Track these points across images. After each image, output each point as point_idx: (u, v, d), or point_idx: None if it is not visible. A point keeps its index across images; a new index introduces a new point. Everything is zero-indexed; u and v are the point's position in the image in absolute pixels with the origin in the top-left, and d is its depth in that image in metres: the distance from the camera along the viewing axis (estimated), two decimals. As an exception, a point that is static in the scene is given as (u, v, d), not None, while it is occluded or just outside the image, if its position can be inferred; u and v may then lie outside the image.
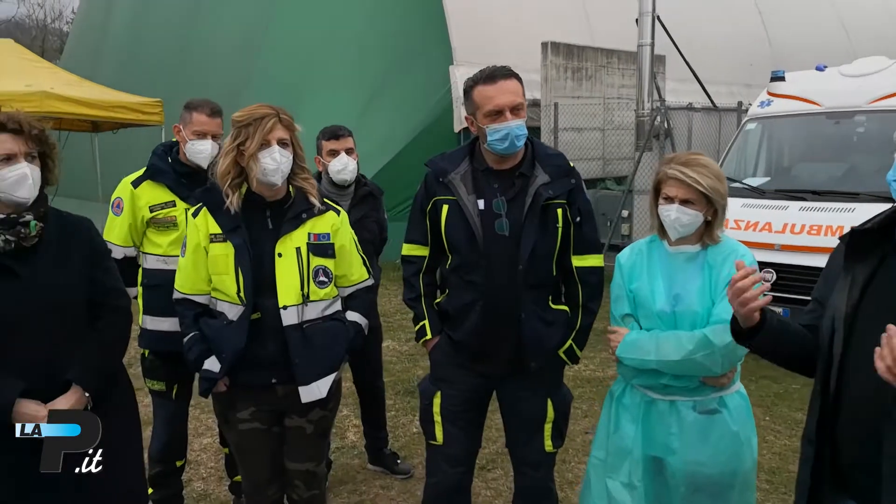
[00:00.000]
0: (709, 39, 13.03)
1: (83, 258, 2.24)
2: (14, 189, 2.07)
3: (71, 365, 2.17)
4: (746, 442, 2.34)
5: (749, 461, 2.35)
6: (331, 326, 2.49)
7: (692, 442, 2.31)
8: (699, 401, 2.32)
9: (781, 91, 6.83)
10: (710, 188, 2.24)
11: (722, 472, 2.30)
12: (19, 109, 2.19)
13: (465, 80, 2.50)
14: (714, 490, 2.31)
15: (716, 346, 2.19)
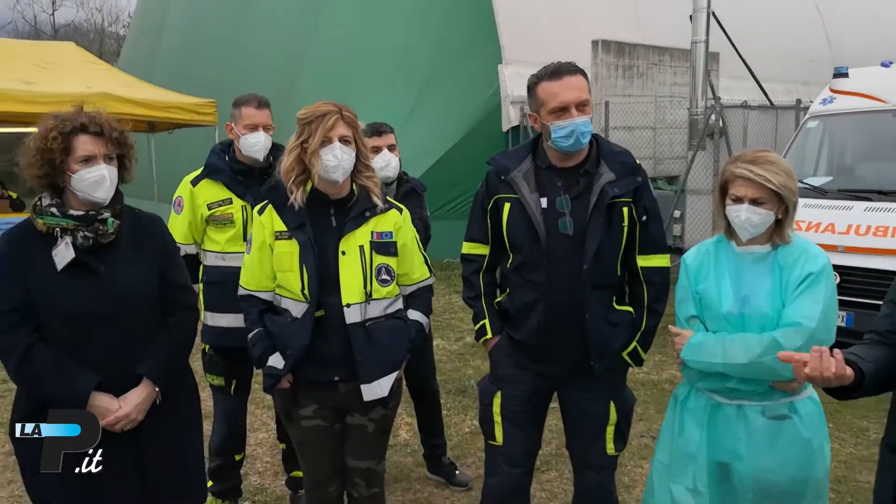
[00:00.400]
0: (764, 36, 12.70)
1: (155, 255, 2.29)
2: (92, 190, 2.12)
3: (142, 359, 2.22)
4: (819, 450, 2.26)
5: (821, 470, 2.27)
6: (393, 325, 2.49)
7: (761, 448, 2.24)
8: (768, 405, 2.25)
9: (845, 88, 6.61)
10: (781, 185, 2.17)
11: (792, 479, 2.22)
12: (101, 110, 2.23)
13: (529, 77, 2.46)
14: (784, 498, 2.24)
15: (786, 350, 2.11)
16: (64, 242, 2.11)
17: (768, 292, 2.21)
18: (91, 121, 2.13)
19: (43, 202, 2.16)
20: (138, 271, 2.23)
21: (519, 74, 10.83)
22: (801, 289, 2.16)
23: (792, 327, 2.13)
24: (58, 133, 2.09)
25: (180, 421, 2.37)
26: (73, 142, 2.10)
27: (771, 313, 2.19)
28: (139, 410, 2.20)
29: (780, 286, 2.20)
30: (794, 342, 2.10)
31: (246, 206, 3.18)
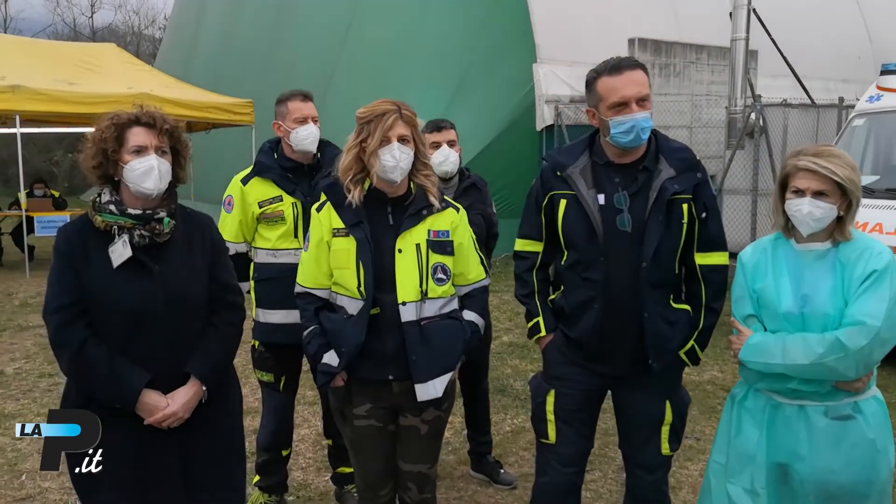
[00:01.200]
0: (803, 33, 12.48)
1: (205, 254, 2.31)
2: (141, 180, 2.15)
3: (190, 358, 2.24)
4: (883, 450, 2.21)
5: (886, 471, 2.22)
6: (448, 325, 2.47)
7: (823, 449, 2.19)
8: (831, 406, 2.20)
9: (892, 85, 6.48)
10: (847, 178, 2.12)
11: (856, 481, 2.18)
12: (156, 107, 2.27)
13: (589, 72, 2.44)
14: (847, 500, 2.20)
15: (850, 350, 2.07)
16: (122, 240, 2.14)
17: (830, 291, 2.16)
18: (143, 113, 2.17)
19: (102, 199, 2.20)
20: (189, 271, 2.25)
21: (553, 73, 10.79)
22: (865, 287, 2.11)
23: (856, 326, 2.08)
24: (111, 124, 2.13)
25: (224, 419, 2.39)
26: (126, 133, 2.14)
27: (833, 312, 2.15)
28: (186, 408, 2.21)
29: (843, 284, 2.15)
30: (859, 342, 2.05)
31: (296, 203, 3.20)
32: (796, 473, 2.24)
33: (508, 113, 10.73)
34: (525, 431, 4.53)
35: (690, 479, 3.90)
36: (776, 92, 10.02)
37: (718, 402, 5.06)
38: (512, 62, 10.91)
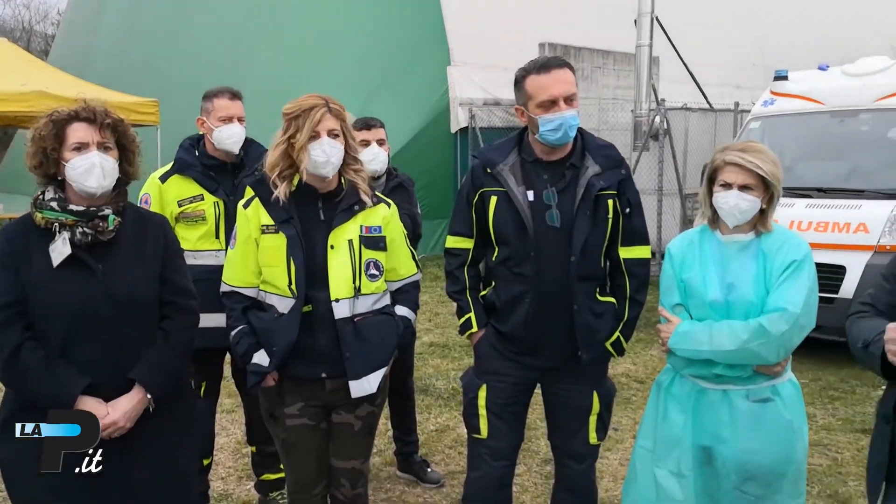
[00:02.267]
0: (701, 41, 13.13)
1: (157, 256, 2.21)
2: (84, 178, 2.04)
3: (136, 364, 2.14)
4: (798, 430, 2.35)
5: (801, 450, 2.36)
6: (382, 320, 2.46)
7: (745, 430, 2.31)
8: (752, 389, 2.32)
9: (785, 90, 6.90)
10: (770, 173, 2.25)
11: (775, 460, 2.30)
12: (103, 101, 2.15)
13: (517, 71, 2.48)
14: (766, 479, 2.31)
15: (772, 335, 2.19)
16: (61, 238, 2.04)
17: (753, 279, 2.28)
18: (84, 108, 2.06)
19: (45, 196, 2.09)
20: (138, 272, 2.15)
21: (467, 76, 10.91)
22: (786, 275, 2.24)
23: (777, 312, 2.21)
24: (50, 121, 2.03)
25: (172, 432, 2.26)
26: (65, 130, 2.04)
27: (755, 300, 2.27)
28: (128, 418, 2.10)
29: (765, 273, 2.28)
30: (780, 327, 2.18)
31: (218, 203, 3.10)
32: (719, 455, 2.34)
33: (424, 115, 10.76)
34: (450, 430, 4.55)
35: (611, 468, 4.03)
36: (677, 97, 10.49)
37: (633, 393, 5.26)
38: (427, 64, 10.95)
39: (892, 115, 6.18)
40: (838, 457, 4.12)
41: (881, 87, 6.23)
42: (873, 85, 6.29)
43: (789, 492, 2.34)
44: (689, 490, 2.38)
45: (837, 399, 5.03)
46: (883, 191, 5.77)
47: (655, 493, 2.44)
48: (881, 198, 5.70)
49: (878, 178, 5.97)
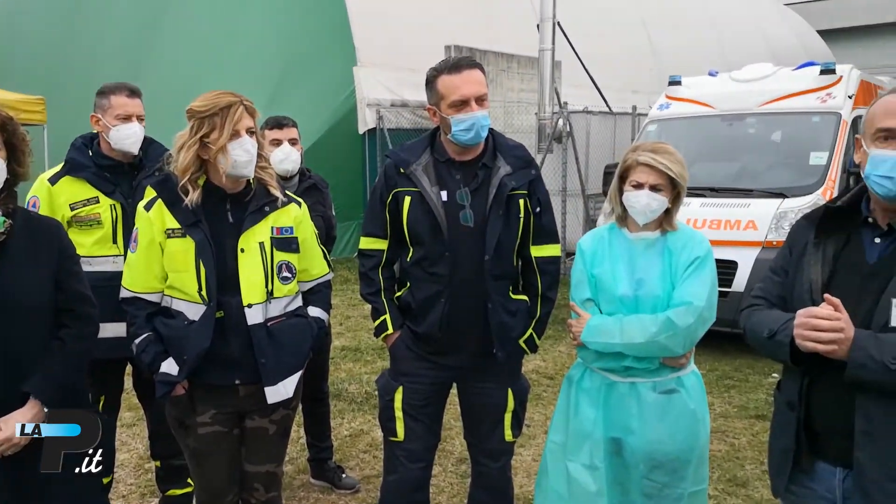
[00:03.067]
0: (600, 47, 13.61)
1: (51, 261, 2.07)
2: None
3: (30, 376, 2.00)
4: (702, 419, 2.46)
5: (704, 437, 2.47)
6: (295, 323, 2.40)
7: (652, 421, 2.39)
8: (658, 381, 2.41)
9: (679, 95, 7.25)
10: (678, 174, 2.34)
11: (680, 448, 2.40)
12: None
13: (428, 70, 2.48)
14: (672, 466, 2.41)
15: (679, 328, 2.29)
16: None
17: (659, 275, 2.37)
18: None
19: None
20: (28, 278, 2.01)
21: (374, 77, 10.85)
22: (690, 271, 2.34)
23: (683, 306, 2.30)
24: None
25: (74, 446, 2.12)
26: None
27: (662, 294, 2.36)
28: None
29: (671, 269, 2.37)
30: (687, 320, 2.28)
31: (115, 205, 2.93)
32: (628, 446, 2.42)
33: (330, 115, 10.60)
34: (364, 434, 4.50)
35: (524, 465, 4.09)
36: (578, 100, 10.83)
37: (543, 389, 5.37)
38: (332, 64, 10.80)
39: (776, 118, 6.61)
40: (735, 442, 4.35)
41: (765, 93, 6.65)
42: (758, 90, 6.71)
43: (693, 478, 2.44)
44: (601, 481, 2.44)
45: (733, 387, 5.32)
46: (769, 190, 6.15)
47: (567, 486, 2.49)
48: (768, 197, 6.07)
49: (764, 179, 6.36)
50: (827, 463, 1.84)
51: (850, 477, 1.79)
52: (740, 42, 19.92)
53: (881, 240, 1.79)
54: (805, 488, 1.90)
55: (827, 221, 1.88)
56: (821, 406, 1.82)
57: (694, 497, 2.45)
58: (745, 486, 3.77)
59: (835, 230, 1.86)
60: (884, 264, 1.76)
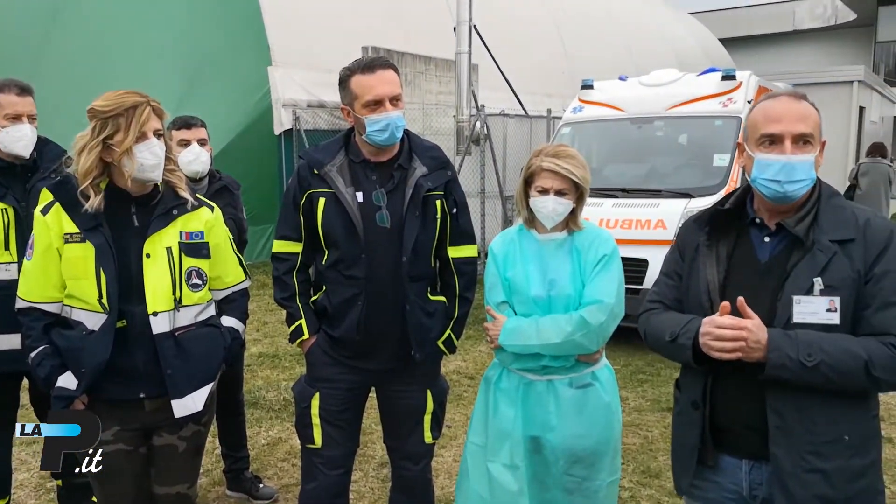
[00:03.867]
0: (514, 52, 13.83)
1: None
2: None
3: None
4: (616, 411, 2.52)
5: (618, 428, 2.54)
6: (207, 333, 2.30)
7: (570, 417, 2.43)
8: (574, 377, 2.46)
9: (591, 98, 7.44)
10: (582, 178, 2.39)
11: (598, 441, 2.45)
12: None
13: (342, 70, 2.44)
14: (591, 460, 2.46)
15: (592, 326, 2.34)
16: None
17: (570, 275, 2.42)
18: None
19: None
20: None
21: (290, 77, 10.65)
22: (598, 269, 2.39)
23: (595, 304, 2.35)
24: None
25: None
26: None
27: (573, 294, 2.40)
28: None
29: (580, 268, 2.42)
30: (599, 318, 2.33)
31: (7, 210, 2.75)
32: (548, 443, 2.45)
33: (244, 116, 10.32)
34: (282, 442, 4.40)
35: (445, 466, 4.09)
36: (495, 103, 10.98)
37: (464, 389, 5.40)
38: (246, 63, 10.51)
39: (682, 122, 6.89)
40: (649, 435, 4.49)
41: (672, 97, 6.92)
42: (665, 95, 6.97)
43: (609, 469, 2.50)
44: (522, 480, 2.46)
45: (646, 382, 5.49)
46: (676, 190, 6.39)
47: (489, 487, 2.50)
48: (675, 197, 6.31)
49: (672, 180, 6.61)
50: (732, 456, 1.91)
51: (757, 468, 1.87)
52: (648, 48, 20.73)
53: (770, 238, 1.87)
54: (710, 482, 1.97)
55: (716, 223, 1.95)
56: (726, 403, 1.89)
57: (612, 486, 2.52)
58: (658, 476, 3.90)
59: (725, 231, 1.93)
60: (776, 262, 1.83)
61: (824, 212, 1.81)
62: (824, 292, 1.73)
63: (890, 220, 1.85)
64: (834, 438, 1.76)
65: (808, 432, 1.76)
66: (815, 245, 1.77)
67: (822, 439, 1.76)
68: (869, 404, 1.84)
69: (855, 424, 1.79)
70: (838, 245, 1.76)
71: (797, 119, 1.79)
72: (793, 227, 1.81)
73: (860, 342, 1.71)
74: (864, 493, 1.80)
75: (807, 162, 1.78)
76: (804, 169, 1.78)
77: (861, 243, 1.75)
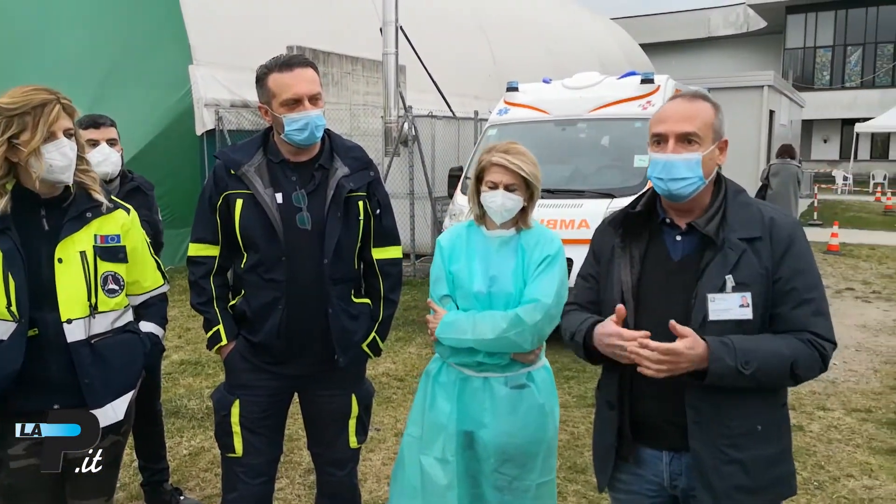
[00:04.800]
0: (441, 54, 13.90)
1: None
2: None
3: None
4: (550, 412, 2.53)
5: (552, 430, 2.55)
6: (125, 339, 2.21)
7: (503, 415, 2.44)
8: (510, 376, 2.47)
9: (516, 100, 7.53)
10: (531, 174, 2.41)
11: (529, 441, 2.46)
12: None
13: (259, 67, 2.38)
14: (521, 460, 2.47)
15: (526, 325, 2.35)
16: None
17: (512, 272, 2.43)
18: None
19: None
20: None
21: (212, 76, 10.37)
22: (540, 269, 2.41)
23: (532, 303, 2.36)
24: None
25: None
26: None
27: (514, 291, 2.41)
28: None
29: (523, 267, 2.43)
30: (535, 317, 2.34)
31: None
32: (480, 439, 2.46)
33: (164, 115, 9.98)
34: (204, 451, 4.27)
35: (374, 469, 4.05)
36: (423, 104, 10.99)
37: (393, 392, 5.36)
38: (165, 61, 10.18)
39: (604, 124, 7.04)
40: (575, 431, 4.57)
41: (594, 100, 7.07)
42: (588, 97, 7.12)
43: (541, 470, 2.52)
44: (452, 475, 2.46)
45: (572, 378, 5.59)
46: (599, 191, 6.53)
47: (421, 479, 2.50)
48: (598, 197, 6.45)
49: (594, 180, 6.75)
50: (653, 449, 1.96)
51: (677, 459, 1.92)
52: (572, 51, 21.21)
53: (682, 238, 1.92)
54: (632, 475, 2.01)
55: (629, 225, 2.00)
56: (643, 401, 1.93)
57: (542, 488, 2.52)
58: (584, 472, 3.97)
59: (638, 233, 1.98)
60: (689, 261, 1.89)
61: (732, 210, 1.88)
62: (736, 289, 1.79)
63: (793, 218, 1.94)
64: (748, 430, 1.83)
65: (724, 426, 1.82)
66: (726, 244, 1.82)
67: (737, 431, 1.82)
68: (778, 395, 1.92)
69: (767, 415, 1.86)
70: (747, 243, 1.82)
71: (681, 119, 1.86)
72: (703, 227, 1.86)
73: (785, 343, 1.78)
74: (778, 479, 1.88)
75: (690, 160, 1.84)
76: (688, 167, 1.84)
77: (767, 241, 1.82)
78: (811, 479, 3.91)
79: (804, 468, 4.02)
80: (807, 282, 1.81)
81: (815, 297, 1.82)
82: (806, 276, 1.82)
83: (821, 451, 4.28)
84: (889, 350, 6.39)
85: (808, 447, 4.33)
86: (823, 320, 1.82)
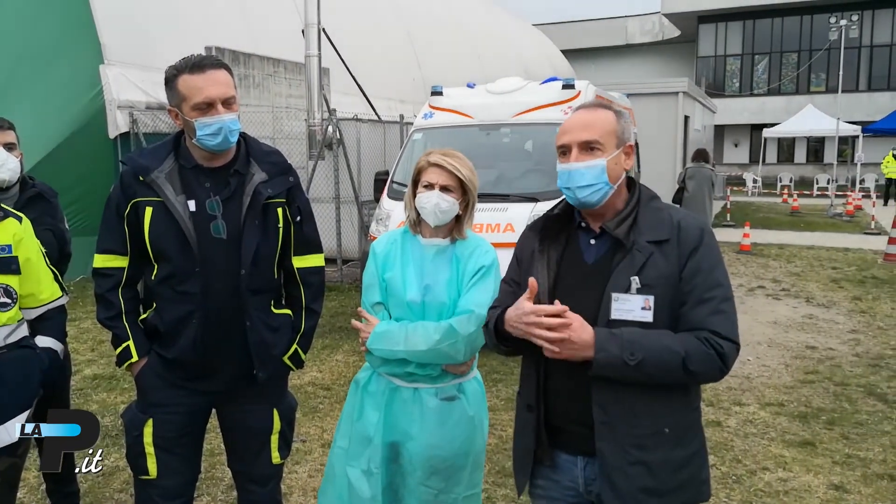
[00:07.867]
0: (365, 56, 13.79)
1: None
2: None
3: None
4: (479, 425, 2.50)
5: (480, 442, 2.52)
6: (19, 356, 2.09)
7: (431, 427, 2.40)
8: (441, 388, 2.42)
9: (441, 105, 7.53)
10: (468, 178, 2.38)
11: (456, 454, 2.42)
12: None
13: (168, 69, 2.25)
14: (448, 472, 2.43)
15: (460, 336, 2.31)
16: None
17: (447, 282, 2.39)
18: None
19: None
20: None
21: (125, 77, 9.95)
22: (475, 280, 2.37)
23: (465, 314, 2.33)
24: None
25: None
26: None
27: (448, 301, 2.37)
28: None
29: (457, 277, 2.39)
30: (468, 328, 2.31)
31: None
32: (406, 451, 2.41)
33: (74, 118, 9.51)
34: (119, 471, 4.06)
35: (300, 482, 3.95)
36: (348, 108, 10.87)
37: (319, 401, 5.25)
38: (74, 61, 9.70)
39: (527, 129, 7.13)
40: (503, 434, 4.58)
41: (517, 105, 7.14)
42: (511, 102, 7.18)
43: (467, 483, 2.48)
44: (376, 487, 2.40)
45: (500, 381, 5.61)
46: (523, 195, 6.60)
47: (348, 492, 2.43)
48: (522, 201, 6.51)
49: (519, 184, 6.81)
50: (568, 454, 1.96)
51: (591, 464, 1.92)
52: (496, 56, 21.45)
53: (596, 241, 1.94)
54: (550, 481, 2.01)
55: (548, 229, 2.01)
56: (558, 402, 1.93)
57: (468, 500, 2.49)
58: (512, 476, 3.95)
59: (556, 237, 1.99)
60: (601, 263, 1.90)
61: (643, 215, 1.90)
62: (641, 291, 1.81)
63: (701, 221, 1.98)
64: (656, 431, 1.83)
65: (631, 426, 1.82)
66: (634, 246, 1.85)
67: (644, 432, 1.83)
68: (689, 398, 1.93)
69: (676, 417, 1.87)
70: (655, 245, 1.85)
71: (582, 128, 1.89)
72: (613, 229, 1.89)
73: (678, 339, 1.79)
74: (687, 484, 1.88)
75: (594, 167, 1.86)
76: (591, 174, 1.86)
77: (675, 243, 1.85)
78: (729, 474, 4.04)
79: (723, 463, 4.15)
80: (707, 281, 1.83)
81: (715, 296, 1.83)
82: (707, 275, 1.84)
83: (738, 446, 4.43)
84: (798, 345, 6.70)
85: (726, 442, 4.48)
86: (723, 319, 1.82)
